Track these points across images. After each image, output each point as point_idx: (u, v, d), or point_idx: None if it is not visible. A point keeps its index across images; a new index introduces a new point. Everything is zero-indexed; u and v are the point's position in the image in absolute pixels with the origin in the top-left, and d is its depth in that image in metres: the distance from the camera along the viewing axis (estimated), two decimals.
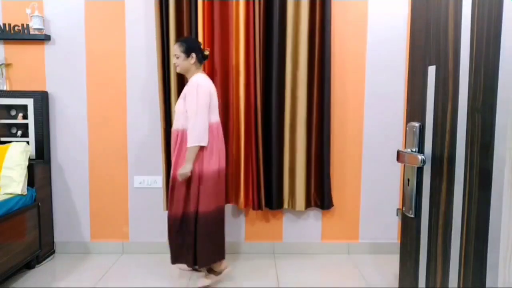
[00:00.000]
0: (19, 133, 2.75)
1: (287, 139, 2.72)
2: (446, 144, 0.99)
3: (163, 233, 2.30)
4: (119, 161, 2.83)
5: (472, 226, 0.88)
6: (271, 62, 2.66)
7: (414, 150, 1.13)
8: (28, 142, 2.68)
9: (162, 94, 2.64)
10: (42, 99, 2.69)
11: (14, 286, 2.36)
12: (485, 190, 0.83)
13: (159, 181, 2.81)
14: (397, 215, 2.78)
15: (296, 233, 2.89)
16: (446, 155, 0.99)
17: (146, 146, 2.81)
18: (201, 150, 2.18)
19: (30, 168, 2.56)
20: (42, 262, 2.68)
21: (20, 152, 2.50)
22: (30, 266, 2.58)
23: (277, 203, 2.75)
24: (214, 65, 2.65)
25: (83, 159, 2.82)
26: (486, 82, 0.83)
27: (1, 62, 2.73)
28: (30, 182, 2.57)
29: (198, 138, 2.14)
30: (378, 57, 2.77)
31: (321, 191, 2.77)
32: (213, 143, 2.22)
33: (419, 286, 1.12)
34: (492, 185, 0.80)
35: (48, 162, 2.78)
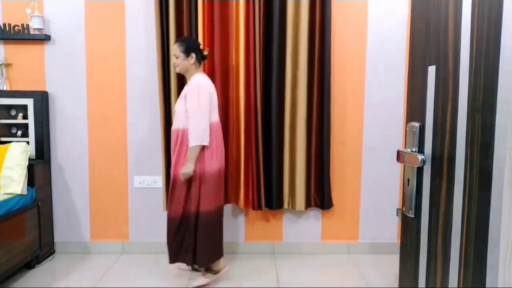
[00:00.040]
0: (19, 133, 2.75)
1: (287, 139, 2.72)
2: (446, 144, 0.99)
3: (163, 233, 2.30)
4: (119, 161, 2.83)
5: (472, 226, 0.88)
6: (271, 62, 2.66)
7: (414, 150, 1.13)
8: (28, 142, 2.68)
9: (162, 94, 2.65)
10: (42, 99, 2.70)
11: (14, 286, 2.36)
12: (485, 190, 0.83)
13: (159, 181, 2.81)
14: (397, 215, 2.78)
15: (296, 233, 2.89)
16: (446, 155, 0.99)
17: (146, 146, 2.81)
18: (202, 149, 2.19)
19: (30, 168, 2.56)
20: (42, 262, 2.68)
21: (20, 152, 2.50)
22: (30, 266, 2.58)
23: (277, 203, 2.75)
24: (214, 65, 2.65)
25: (83, 159, 2.83)
26: (486, 82, 0.83)
27: (1, 62, 2.73)
28: (30, 182, 2.57)
29: (199, 138, 2.15)
30: (378, 57, 2.77)
31: (321, 191, 2.77)
32: (213, 143, 2.24)
33: (419, 286, 1.12)
34: (492, 185, 0.80)
35: (48, 162, 2.78)
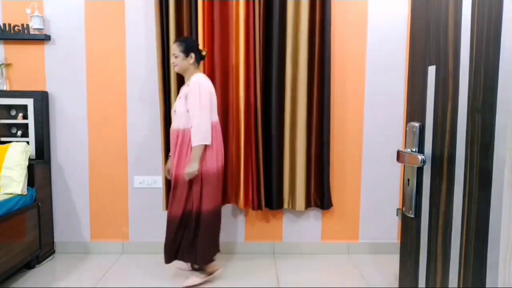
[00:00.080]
0: (19, 133, 2.75)
1: (287, 139, 2.72)
2: (446, 144, 0.99)
3: (163, 233, 2.30)
4: (119, 161, 2.83)
5: (472, 226, 0.88)
6: (271, 62, 2.66)
7: (414, 150, 1.13)
8: (28, 142, 2.68)
9: (162, 94, 2.65)
10: (42, 99, 2.69)
11: (14, 286, 2.36)
12: (485, 190, 0.83)
13: (159, 181, 2.81)
14: (397, 215, 2.78)
15: (296, 233, 2.89)
16: (446, 155, 0.99)
17: (146, 146, 2.81)
18: (204, 149, 2.21)
19: (30, 168, 2.56)
20: (42, 262, 2.68)
21: (20, 152, 2.50)
22: (30, 266, 2.58)
23: (277, 203, 2.75)
24: (214, 65, 2.65)
25: (83, 159, 2.82)
26: (486, 82, 0.83)
27: (1, 62, 2.73)
28: (30, 182, 2.57)
29: (203, 137, 2.17)
30: (378, 57, 2.77)
31: (321, 191, 2.77)
32: (214, 143, 2.25)
33: (419, 286, 1.12)
34: (492, 185, 0.80)
35: (48, 162, 2.78)
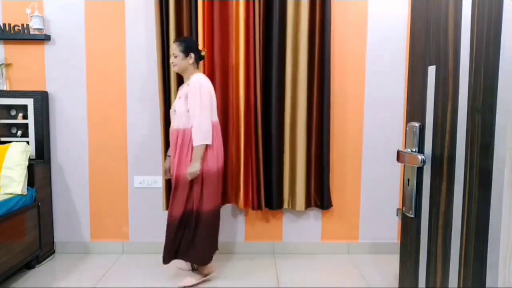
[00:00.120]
0: (19, 133, 2.75)
1: (287, 139, 2.72)
2: (446, 144, 0.99)
3: (163, 233, 2.30)
4: (119, 161, 2.83)
5: (472, 226, 0.88)
6: (271, 62, 2.66)
7: (414, 150, 1.13)
8: (28, 142, 2.68)
9: (162, 94, 2.64)
10: (42, 99, 2.69)
11: (14, 286, 2.36)
12: (485, 190, 0.83)
13: (159, 181, 2.81)
14: (397, 215, 2.78)
15: (296, 233, 2.89)
16: (446, 155, 0.99)
17: (146, 146, 2.81)
18: (205, 149, 2.21)
19: (30, 168, 2.56)
20: (42, 262, 2.68)
21: (20, 152, 2.50)
22: (30, 266, 2.58)
23: (277, 203, 2.75)
24: (214, 65, 2.65)
25: (83, 159, 2.82)
26: (486, 82, 0.83)
27: (1, 62, 2.73)
28: (30, 182, 2.57)
29: (204, 137, 2.18)
30: (378, 57, 2.77)
31: (321, 191, 2.77)
32: (214, 143, 2.25)
33: (419, 286, 1.12)
34: (492, 185, 0.80)
35: (48, 162, 2.78)
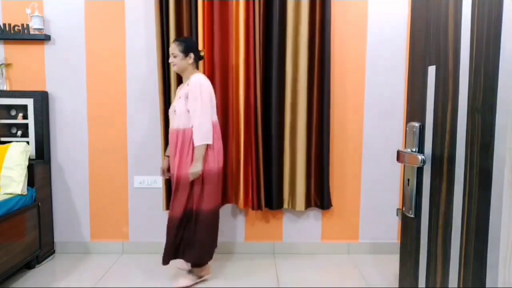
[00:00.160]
0: (19, 133, 2.75)
1: (287, 139, 2.72)
2: (446, 144, 0.99)
3: (163, 233, 2.30)
4: (119, 161, 2.83)
5: (472, 226, 0.88)
6: (271, 62, 2.66)
7: (414, 150, 1.13)
8: (28, 142, 2.68)
9: (162, 94, 2.64)
10: (42, 99, 2.69)
11: (14, 286, 2.36)
12: (485, 190, 0.82)
13: (159, 181, 2.81)
14: (397, 215, 2.78)
15: (296, 233, 2.89)
16: (446, 155, 0.99)
17: (146, 146, 2.81)
18: (206, 149, 2.21)
19: (30, 168, 2.56)
20: (42, 262, 2.68)
21: (20, 152, 2.50)
22: (30, 266, 2.58)
23: (277, 203, 2.75)
24: (214, 65, 2.65)
25: (83, 159, 2.82)
26: (486, 82, 0.83)
27: (1, 62, 2.73)
28: (30, 182, 2.57)
29: (205, 137, 2.19)
30: (378, 57, 2.77)
31: (321, 191, 2.77)
32: (214, 143, 2.26)
33: (419, 286, 1.12)
34: (492, 185, 0.80)
35: (48, 162, 2.78)
